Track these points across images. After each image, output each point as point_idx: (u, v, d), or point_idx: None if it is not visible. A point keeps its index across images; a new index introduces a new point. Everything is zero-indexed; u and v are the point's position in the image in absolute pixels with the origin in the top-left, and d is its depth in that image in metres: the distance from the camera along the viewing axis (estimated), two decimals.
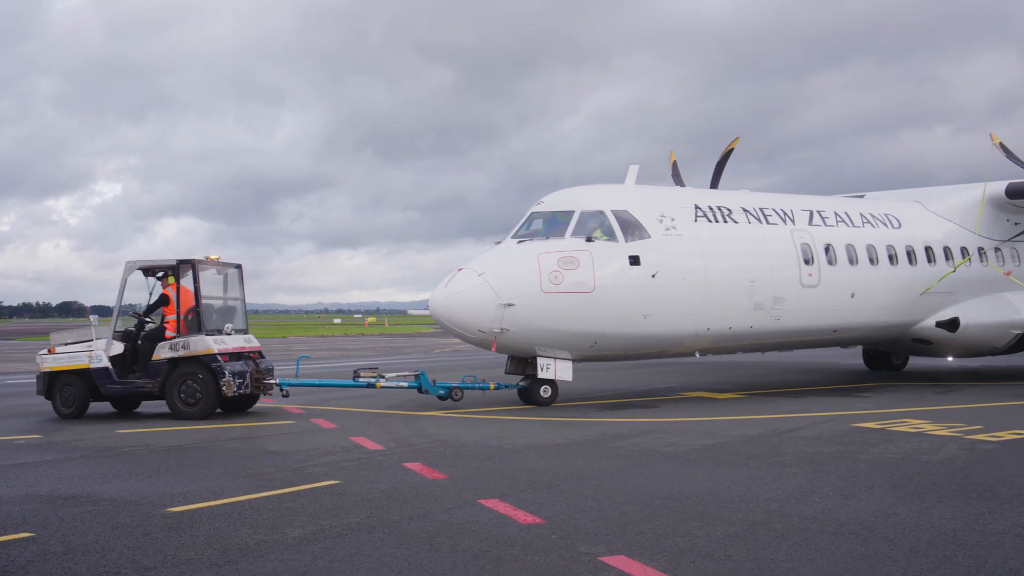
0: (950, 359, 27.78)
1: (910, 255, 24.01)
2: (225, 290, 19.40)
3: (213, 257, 18.89)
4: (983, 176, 25.71)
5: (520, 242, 19.09)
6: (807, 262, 21.73)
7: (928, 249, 24.45)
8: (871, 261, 23.11)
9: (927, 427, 15.34)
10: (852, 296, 22.55)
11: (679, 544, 7.98)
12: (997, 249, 25.52)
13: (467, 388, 19.61)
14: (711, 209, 20.99)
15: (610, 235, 19.05)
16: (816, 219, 22.83)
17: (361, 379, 18.88)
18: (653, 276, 19.10)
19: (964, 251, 24.92)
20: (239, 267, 19.58)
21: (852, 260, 22.71)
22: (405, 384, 19.23)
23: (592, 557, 7.59)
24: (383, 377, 19.03)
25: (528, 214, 19.84)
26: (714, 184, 27.40)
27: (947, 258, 24.65)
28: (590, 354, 19.51)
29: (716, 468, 11.73)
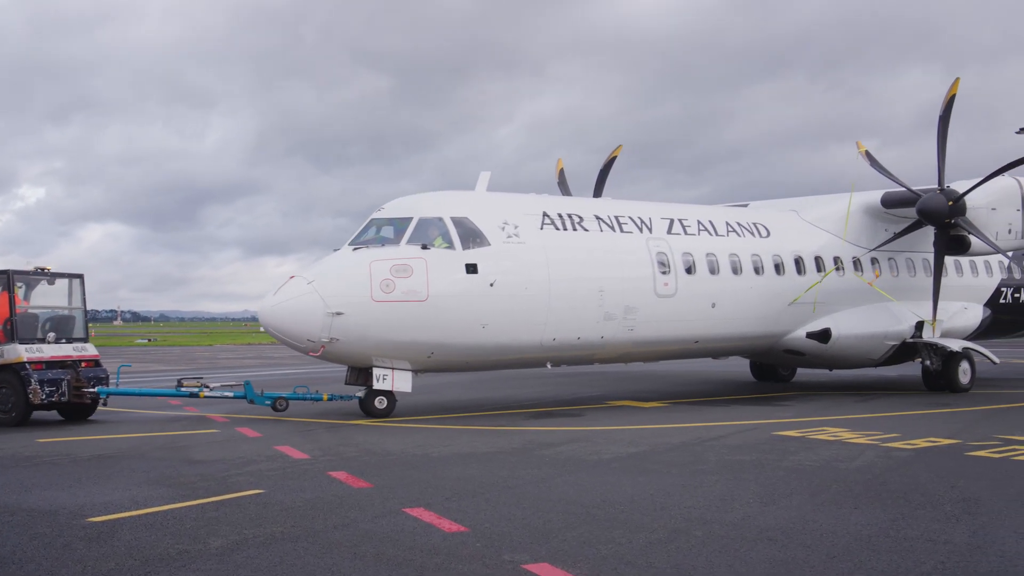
0: (829, 370, 27.46)
1: (777, 265, 23.66)
2: (69, 300, 19.58)
3: (39, 267, 19.18)
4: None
5: (356, 249, 18.57)
6: (663, 271, 21.25)
7: (797, 258, 24.10)
8: (734, 271, 22.69)
9: (845, 435, 15.65)
10: (713, 306, 22.12)
11: (601, 551, 8.07)
12: (874, 260, 25.26)
13: (296, 399, 19.36)
14: (561, 217, 20.48)
15: (449, 243, 18.58)
16: (676, 227, 22.32)
17: (184, 388, 18.93)
18: (491, 285, 18.57)
19: (837, 261, 24.58)
20: (80, 277, 19.70)
21: (713, 270, 22.27)
22: (230, 394, 19.16)
23: (516, 565, 7.65)
24: (207, 387, 19.03)
25: (368, 220, 19.36)
26: (597, 192, 27.19)
27: (818, 268, 24.29)
28: (430, 365, 19.00)
29: (639, 476, 11.87)
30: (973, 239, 23.54)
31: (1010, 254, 25.83)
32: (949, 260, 26.07)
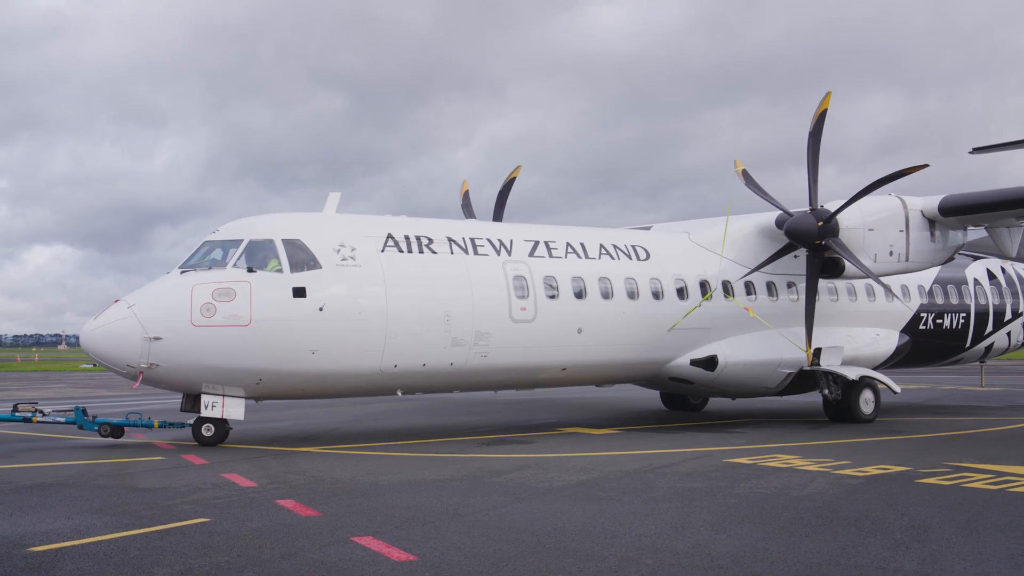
0: (732, 399, 26.55)
1: (655, 289, 22.68)
2: None
3: None
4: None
5: (184, 272, 18.06)
6: (520, 295, 20.46)
7: (679, 281, 23.12)
8: (604, 295, 21.76)
9: (797, 462, 15.69)
10: (579, 332, 21.22)
11: None
12: (771, 284, 24.31)
13: (126, 425, 19.13)
14: (407, 239, 19.75)
15: (279, 266, 18.09)
16: (540, 250, 21.54)
17: (18, 413, 18.84)
18: (320, 309, 17.95)
19: (726, 285, 23.56)
20: None
21: (579, 294, 21.37)
22: (63, 420, 18.99)
23: None
24: (42, 412, 18.93)
25: (201, 243, 18.80)
26: (497, 215, 26.73)
27: (703, 292, 23.24)
28: (260, 392, 18.41)
29: (591, 504, 11.81)
30: (847, 262, 22.50)
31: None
32: (859, 284, 25.50)
